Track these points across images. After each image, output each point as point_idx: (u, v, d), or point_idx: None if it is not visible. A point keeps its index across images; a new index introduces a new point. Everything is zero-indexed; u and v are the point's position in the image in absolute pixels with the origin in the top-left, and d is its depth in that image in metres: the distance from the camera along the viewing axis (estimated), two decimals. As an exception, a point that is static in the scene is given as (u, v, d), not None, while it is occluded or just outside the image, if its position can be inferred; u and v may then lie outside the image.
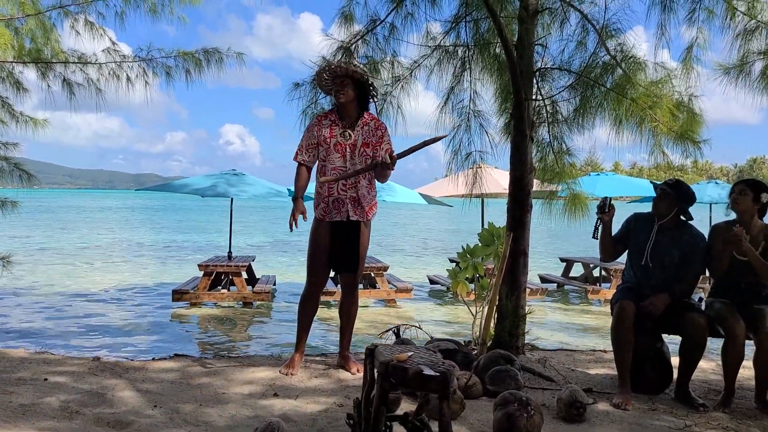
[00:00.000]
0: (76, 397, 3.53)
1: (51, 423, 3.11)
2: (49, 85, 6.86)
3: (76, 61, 6.85)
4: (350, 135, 4.18)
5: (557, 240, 24.13)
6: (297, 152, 4.33)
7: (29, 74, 6.93)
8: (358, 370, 4.22)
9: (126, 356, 5.65)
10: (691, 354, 3.86)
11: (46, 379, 3.89)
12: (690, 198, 4.07)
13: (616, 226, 4.29)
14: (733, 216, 4.08)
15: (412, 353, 2.69)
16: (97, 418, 3.16)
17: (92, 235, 25.38)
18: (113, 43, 6.95)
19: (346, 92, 4.17)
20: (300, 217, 4.14)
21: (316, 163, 4.33)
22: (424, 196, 11.51)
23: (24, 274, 12.17)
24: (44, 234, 24.77)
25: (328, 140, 4.20)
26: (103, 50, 6.87)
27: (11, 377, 3.92)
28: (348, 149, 4.19)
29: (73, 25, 6.82)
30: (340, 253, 4.29)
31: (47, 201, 75.04)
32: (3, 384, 3.75)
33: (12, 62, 6.73)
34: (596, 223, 4.26)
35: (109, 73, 6.92)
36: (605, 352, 5.36)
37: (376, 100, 4.40)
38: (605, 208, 4.19)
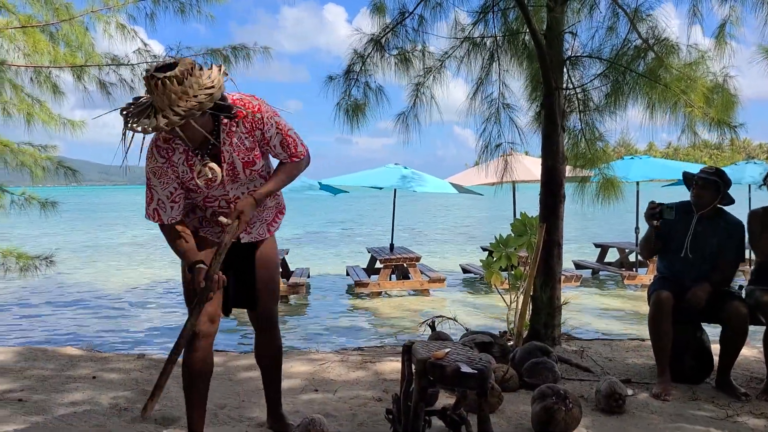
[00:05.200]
0: (124, 394, 3.66)
1: (101, 420, 3.23)
2: (85, 87, 7.06)
3: (110, 63, 7.02)
4: (214, 170, 2.59)
5: (591, 225, 23.80)
6: (154, 212, 2.72)
7: (66, 77, 7.13)
8: None
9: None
10: (733, 343, 3.81)
11: (94, 377, 4.03)
12: (730, 183, 4.02)
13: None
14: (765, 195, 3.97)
15: (449, 350, 2.72)
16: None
17: (131, 232, 25.90)
18: (144, 44, 7.10)
19: (193, 131, 2.43)
20: (202, 274, 2.67)
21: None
22: (455, 186, 11.48)
23: (68, 273, 12.53)
24: (85, 232, 25.39)
25: (191, 172, 2.63)
26: (134, 51, 7.04)
27: (62, 375, 4.07)
28: (226, 176, 2.67)
29: (105, 28, 6.98)
30: (234, 283, 2.89)
31: (86, 198, 76.78)
32: (54, 383, 3.90)
33: (48, 67, 6.92)
34: (648, 231, 4.08)
35: (142, 73, 7.06)
36: (643, 340, 5.30)
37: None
38: (660, 215, 3.94)
